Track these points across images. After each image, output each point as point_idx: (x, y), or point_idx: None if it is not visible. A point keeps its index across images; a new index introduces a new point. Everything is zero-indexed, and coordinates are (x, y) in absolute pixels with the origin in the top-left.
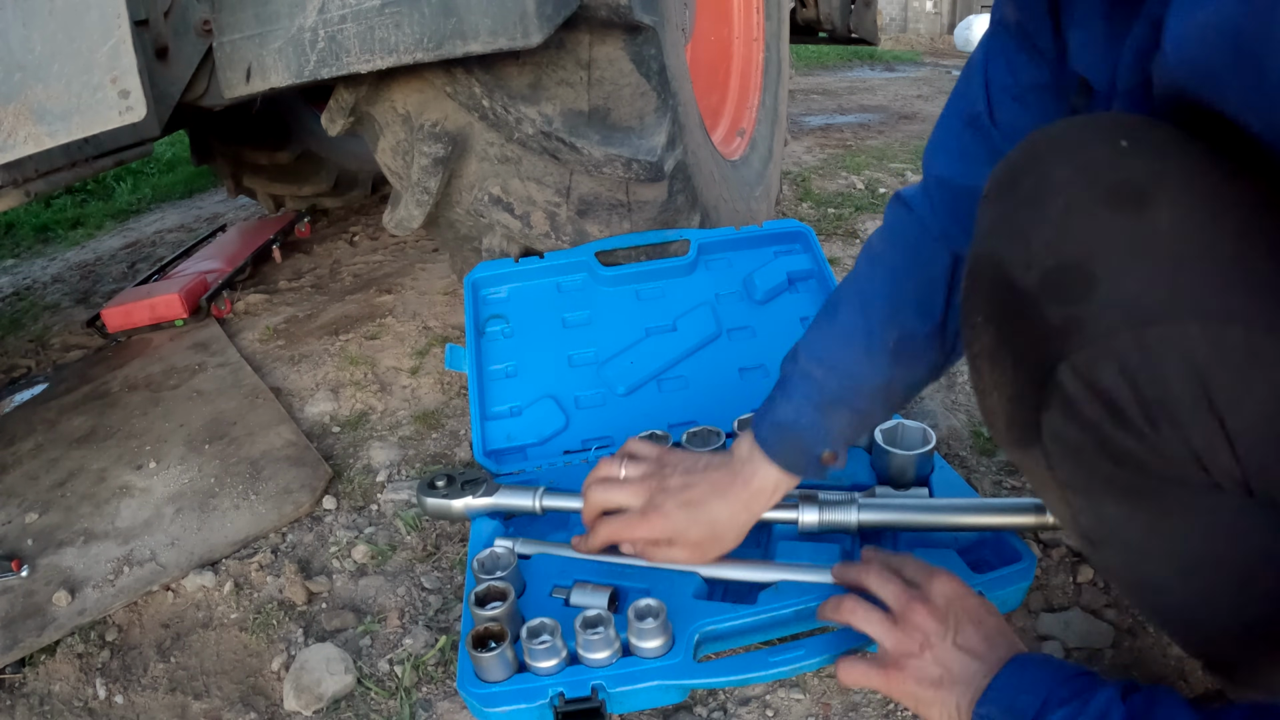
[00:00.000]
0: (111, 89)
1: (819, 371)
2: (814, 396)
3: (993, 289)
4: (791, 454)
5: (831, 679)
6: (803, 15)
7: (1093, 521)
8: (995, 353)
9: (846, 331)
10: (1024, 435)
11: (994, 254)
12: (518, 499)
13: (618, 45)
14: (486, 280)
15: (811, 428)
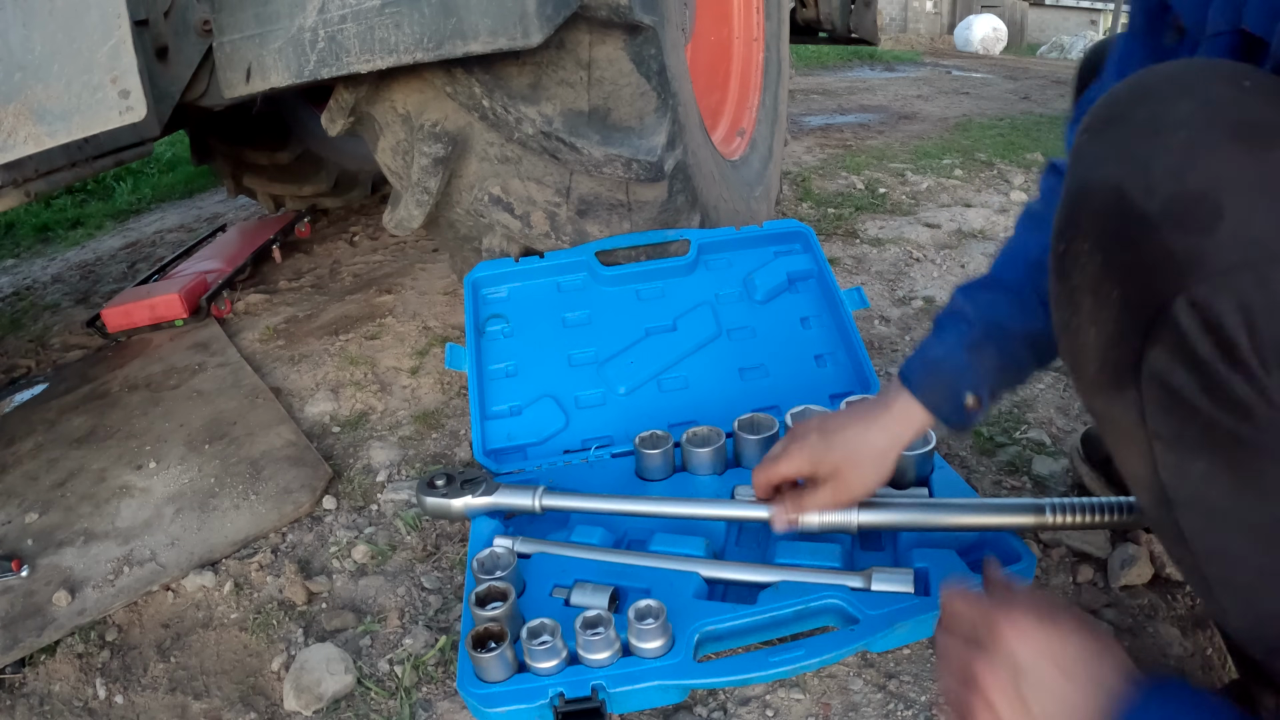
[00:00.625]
0: (111, 89)
1: (971, 312)
2: (965, 337)
3: (1106, 214)
4: (937, 392)
5: (831, 679)
6: (803, 15)
7: (1175, 478)
8: (1100, 283)
9: (1001, 279)
10: (1118, 377)
11: (1108, 179)
12: (517, 498)
13: (618, 45)
14: (486, 280)
15: (959, 367)
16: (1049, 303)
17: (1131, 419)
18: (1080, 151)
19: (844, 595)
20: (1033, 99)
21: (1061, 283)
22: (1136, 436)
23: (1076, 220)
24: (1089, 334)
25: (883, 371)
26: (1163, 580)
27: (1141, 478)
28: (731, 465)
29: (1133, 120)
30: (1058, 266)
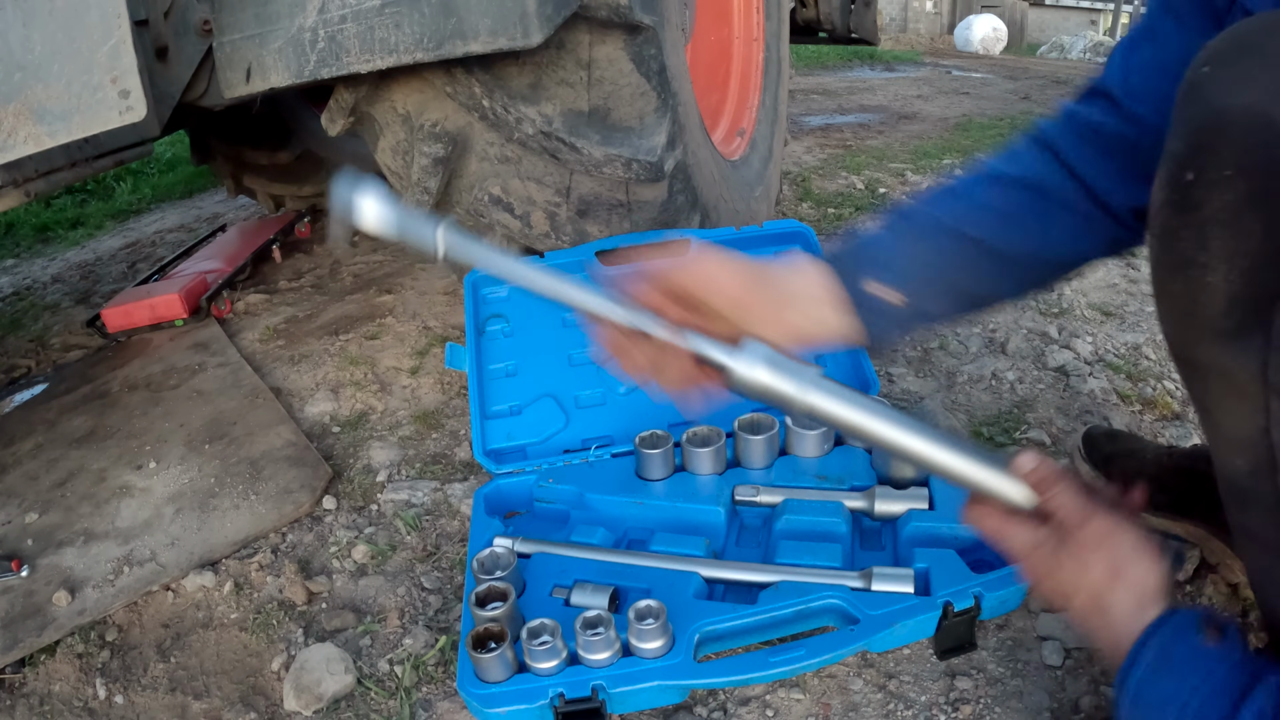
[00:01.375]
0: (111, 89)
1: (911, 204)
2: (897, 223)
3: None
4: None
5: (832, 679)
6: (803, 15)
7: None
8: (1239, 215)
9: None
10: (1245, 321)
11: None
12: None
13: (618, 45)
14: (487, 280)
15: (880, 245)
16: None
17: (1250, 370)
18: (1205, 81)
19: (844, 595)
20: (1033, 99)
21: (1185, 215)
22: (1250, 390)
23: (1212, 147)
24: (1216, 271)
25: (883, 371)
26: None
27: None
28: (731, 465)
29: (1270, 50)
30: (1181, 199)
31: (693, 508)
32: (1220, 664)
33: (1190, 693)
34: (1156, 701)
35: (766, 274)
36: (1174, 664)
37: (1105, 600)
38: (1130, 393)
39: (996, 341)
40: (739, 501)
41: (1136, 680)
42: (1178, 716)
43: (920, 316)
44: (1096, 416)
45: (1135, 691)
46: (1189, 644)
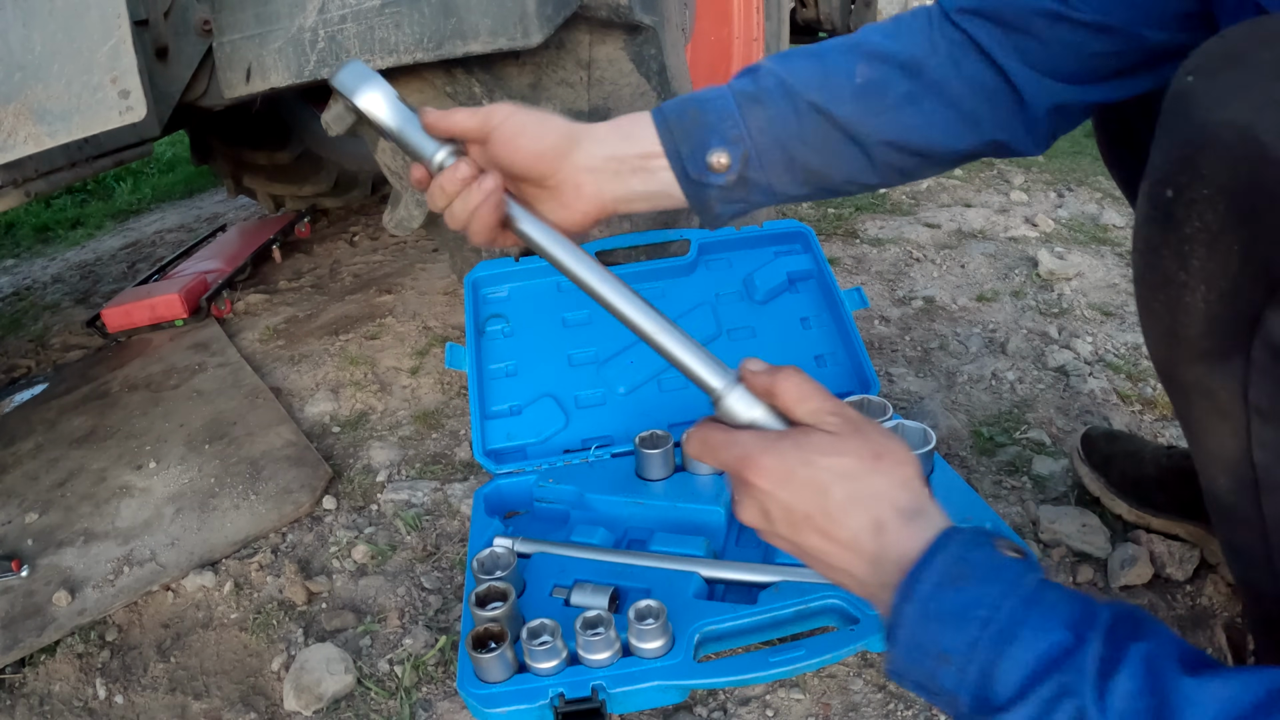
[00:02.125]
0: (111, 89)
1: (767, 67)
2: (743, 87)
3: (1234, 157)
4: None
5: (832, 679)
6: (803, 15)
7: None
8: (1220, 235)
9: (819, 50)
10: (1225, 343)
11: (1234, 119)
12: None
13: (618, 45)
14: (486, 280)
15: (719, 111)
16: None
17: (1230, 391)
18: (1190, 91)
19: (844, 595)
20: None
21: (1166, 233)
22: (1232, 411)
23: (1193, 163)
24: (1196, 291)
25: (883, 371)
26: (1162, 580)
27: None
28: None
29: (1255, 61)
30: (1163, 216)
31: (693, 508)
32: (1029, 571)
33: (1000, 596)
34: (955, 609)
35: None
36: (975, 571)
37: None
38: (1130, 393)
39: (996, 341)
40: None
41: (927, 591)
42: (986, 619)
43: (760, 192)
44: (1096, 416)
45: (925, 602)
46: (988, 553)
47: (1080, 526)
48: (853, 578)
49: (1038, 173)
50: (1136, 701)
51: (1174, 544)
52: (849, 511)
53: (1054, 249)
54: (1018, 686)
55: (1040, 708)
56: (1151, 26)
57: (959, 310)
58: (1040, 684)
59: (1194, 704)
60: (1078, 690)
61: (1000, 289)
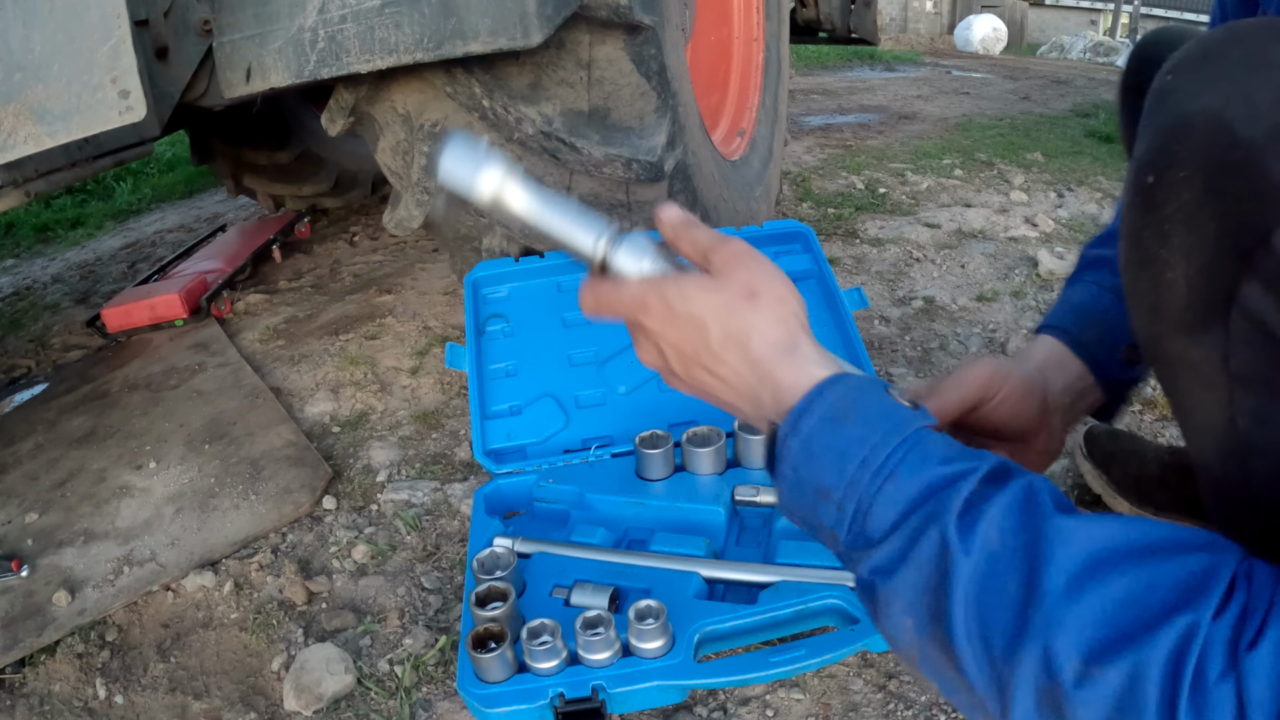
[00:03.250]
0: (111, 89)
1: (1105, 254)
2: (1111, 282)
3: (1206, 140)
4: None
5: (832, 679)
6: (803, 15)
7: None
8: (1195, 213)
9: None
10: (1205, 314)
11: (1206, 107)
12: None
13: (618, 45)
14: (486, 280)
15: (1107, 309)
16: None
17: (1212, 361)
18: (1169, 88)
19: (844, 595)
20: (1033, 99)
21: (1148, 215)
22: (1215, 381)
23: (1169, 150)
24: (1176, 268)
25: (883, 371)
26: None
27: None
28: (731, 465)
29: (1229, 57)
30: (1144, 200)
31: (693, 508)
32: (918, 418)
33: (883, 436)
34: (836, 445)
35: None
36: (862, 411)
37: (743, 320)
38: None
39: (996, 341)
40: (739, 501)
41: (809, 426)
42: (866, 458)
43: None
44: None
45: (806, 440)
46: (878, 396)
47: None
48: (742, 412)
49: (1038, 173)
50: (1007, 535)
51: None
52: (726, 347)
53: (1054, 249)
54: (890, 523)
55: (907, 538)
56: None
57: (959, 310)
58: (910, 516)
59: (1066, 541)
60: (943, 520)
61: (1000, 289)
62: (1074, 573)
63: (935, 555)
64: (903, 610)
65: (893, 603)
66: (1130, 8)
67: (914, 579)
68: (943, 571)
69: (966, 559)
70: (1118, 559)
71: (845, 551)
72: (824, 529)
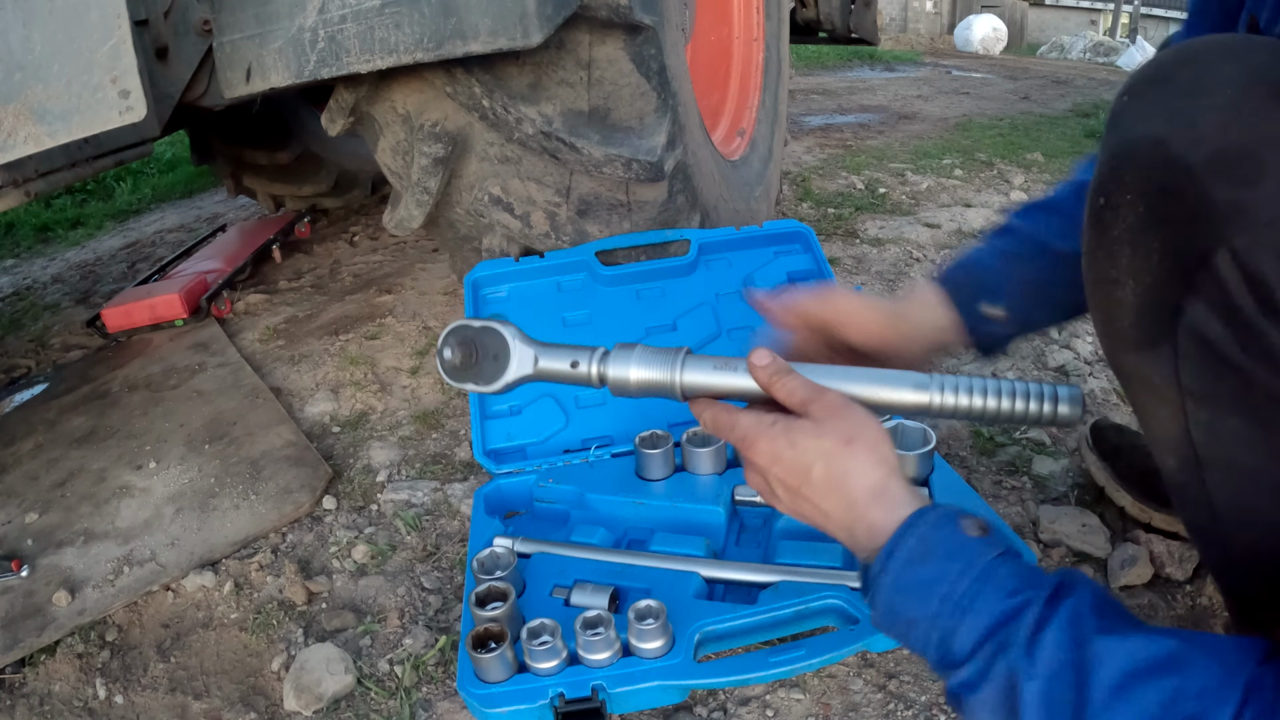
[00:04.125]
0: (111, 89)
1: (1016, 224)
2: (1003, 245)
3: (1150, 165)
4: (962, 289)
5: (832, 679)
6: (803, 15)
7: (1207, 437)
8: (1140, 235)
9: (1054, 200)
10: (1153, 331)
11: (1153, 133)
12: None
13: (618, 45)
14: (487, 280)
15: (989, 270)
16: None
17: (1164, 376)
18: (1122, 111)
19: (844, 595)
20: (1033, 99)
21: (1099, 236)
22: (1168, 395)
23: (1118, 174)
24: (1126, 287)
25: None
26: (1162, 580)
27: (1170, 439)
28: (731, 465)
29: (1177, 81)
30: (1096, 221)
31: (693, 508)
32: (989, 549)
33: (959, 574)
34: (920, 583)
35: (898, 312)
36: (939, 549)
37: (843, 465)
38: None
39: None
40: (739, 501)
41: (897, 566)
42: (945, 595)
43: (1026, 327)
44: (1097, 416)
45: (895, 577)
46: (952, 532)
47: (1080, 526)
48: (839, 539)
49: (1038, 173)
50: (1060, 655)
51: (1174, 544)
52: (826, 488)
53: None
54: (969, 649)
55: (985, 663)
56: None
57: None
58: (985, 644)
59: (1106, 658)
60: (1013, 647)
61: None
62: (1111, 687)
63: (1007, 677)
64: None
65: (978, 712)
66: (1130, 8)
67: (992, 695)
68: (1014, 690)
69: (1032, 681)
70: (1146, 674)
71: (935, 666)
72: (914, 647)
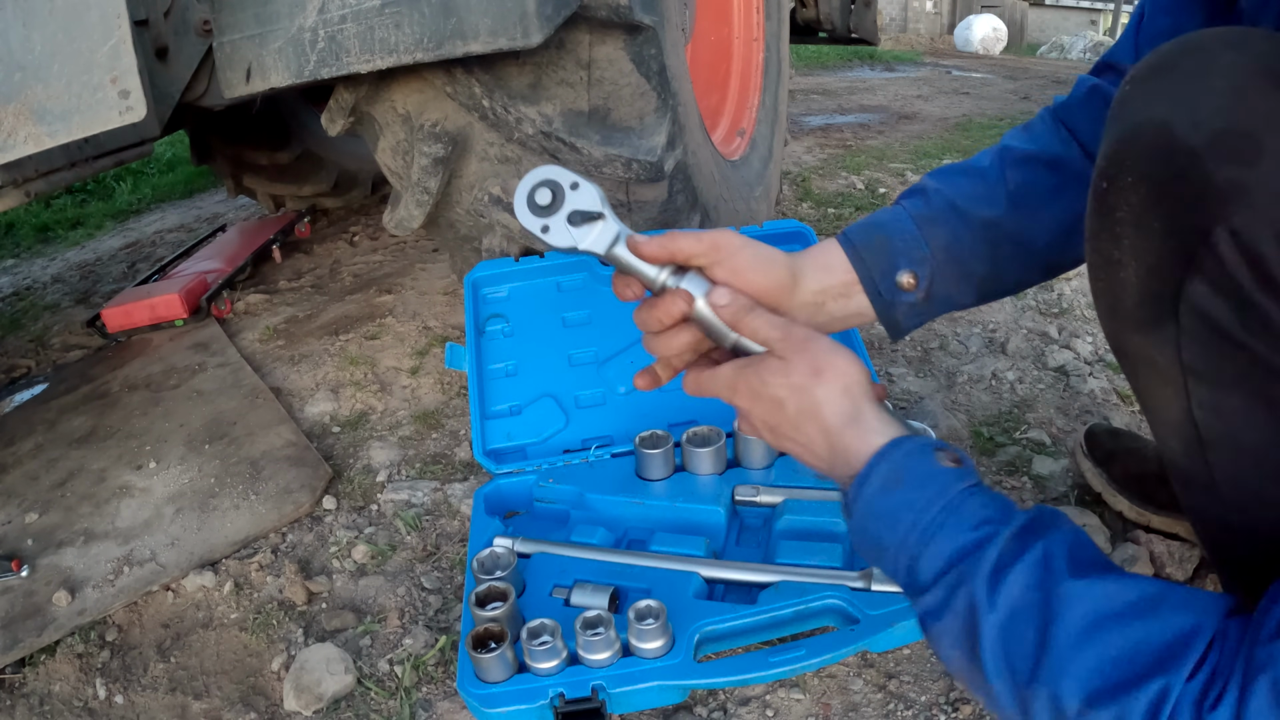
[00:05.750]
0: (111, 89)
1: (932, 187)
2: (918, 209)
3: (1152, 147)
4: (871, 253)
5: (831, 679)
6: (803, 15)
7: (1210, 417)
8: (1143, 215)
9: (973, 165)
10: (1156, 311)
11: (1155, 116)
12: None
13: (618, 45)
14: (487, 280)
15: (903, 235)
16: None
17: (1167, 355)
18: (1125, 98)
19: (844, 595)
20: (1033, 99)
21: (1103, 219)
22: (1170, 375)
23: (1121, 158)
24: (1129, 268)
25: (883, 371)
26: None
27: (1173, 420)
28: (731, 465)
29: (1181, 68)
30: (1100, 205)
31: (693, 508)
32: (960, 480)
33: (927, 502)
34: (890, 509)
35: (791, 268)
36: (910, 477)
37: (812, 396)
38: (1130, 393)
39: (996, 341)
40: (739, 501)
41: (870, 492)
42: (912, 522)
43: (942, 304)
44: (1096, 416)
45: (868, 503)
46: (925, 461)
47: (1080, 527)
48: (821, 471)
49: None
50: (1025, 595)
51: (1174, 543)
52: (801, 420)
53: None
54: (932, 577)
55: (946, 592)
56: None
57: (958, 310)
58: (947, 574)
59: (1074, 601)
60: (974, 579)
61: None
62: (1078, 629)
63: (967, 609)
64: (950, 645)
65: (942, 638)
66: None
67: (954, 625)
68: (974, 622)
69: (992, 614)
70: (1115, 618)
71: (904, 592)
72: (885, 571)
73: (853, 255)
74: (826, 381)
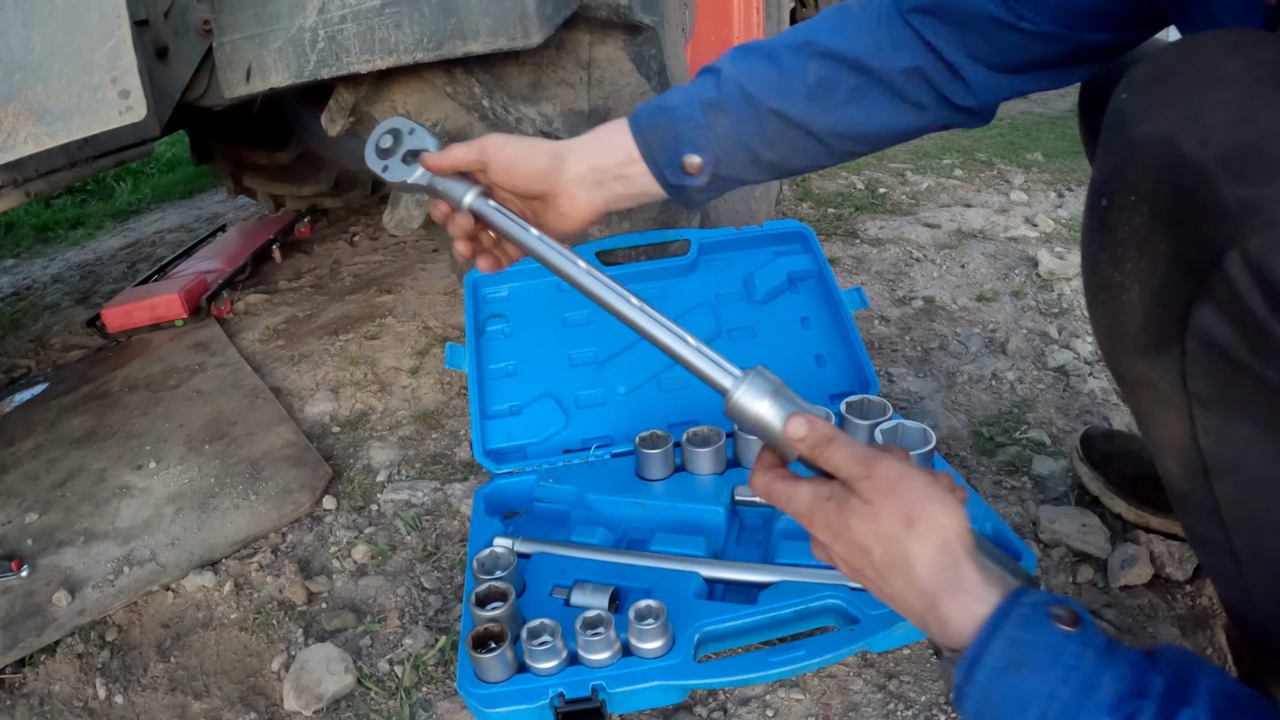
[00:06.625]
0: (111, 89)
1: (725, 70)
2: (708, 93)
3: (1158, 164)
4: (657, 135)
5: (832, 679)
6: (803, 15)
7: (1215, 443)
8: (1148, 236)
9: (771, 47)
10: (1161, 337)
11: (1157, 131)
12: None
13: (618, 45)
14: (486, 280)
15: (689, 121)
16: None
17: (1171, 381)
18: (1123, 108)
19: (844, 595)
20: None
21: (1103, 239)
22: (1175, 401)
23: (1122, 174)
24: (1132, 291)
25: (883, 371)
26: (1162, 580)
27: (1177, 446)
28: (731, 465)
29: (1182, 76)
30: (1099, 223)
31: (693, 508)
32: (1086, 650)
33: (1056, 685)
34: (1014, 699)
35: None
36: (1030, 656)
37: (904, 550)
38: None
39: (996, 341)
40: (739, 501)
41: (985, 677)
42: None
43: (731, 183)
44: (1096, 416)
45: (983, 691)
46: (1044, 632)
47: (1080, 527)
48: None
49: (1038, 173)
50: None
51: (1174, 544)
52: (889, 573)
53: (1054, 249)
54: None
55: None
56: (1091, 31)
57: (959, 310)
58: None
59: None
60: None
61: (1000, 289)
62: None
63: None
64: None
65: None
66: None
67: None
68: None
69: None
70: None
71: None
72: None
73: (639, 139)
74: (921, 535)
